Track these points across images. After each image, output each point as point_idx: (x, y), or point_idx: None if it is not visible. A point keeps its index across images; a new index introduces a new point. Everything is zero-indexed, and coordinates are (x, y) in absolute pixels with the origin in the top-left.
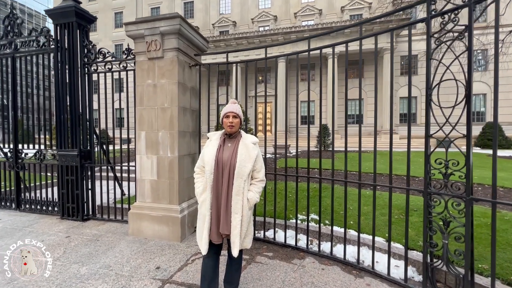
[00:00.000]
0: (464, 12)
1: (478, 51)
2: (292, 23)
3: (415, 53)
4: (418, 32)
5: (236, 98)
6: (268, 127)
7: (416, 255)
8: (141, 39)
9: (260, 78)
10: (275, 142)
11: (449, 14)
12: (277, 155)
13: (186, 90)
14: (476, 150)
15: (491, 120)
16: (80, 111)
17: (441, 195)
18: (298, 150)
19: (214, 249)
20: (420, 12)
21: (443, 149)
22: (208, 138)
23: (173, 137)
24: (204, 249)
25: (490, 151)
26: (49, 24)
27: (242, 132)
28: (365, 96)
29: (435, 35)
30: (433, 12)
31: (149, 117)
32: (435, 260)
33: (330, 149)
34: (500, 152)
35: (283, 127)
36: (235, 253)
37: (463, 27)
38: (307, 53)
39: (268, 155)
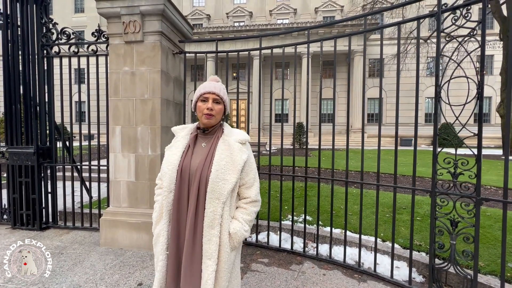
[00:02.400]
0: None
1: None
2: (268, 21)
3: (383, 57)
4: (386, 37)
5: None
6: (242, 125)
7: (414, 254)
8: (117, 19)
9: (233, 74)
10: (258, 140)
11: (461, 9)
12: (254, 153)
13: (169, 80)
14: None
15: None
16: (38, 101)
17: (449, 195)
18: (273, 148)
19: None
20: (387, 18)
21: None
22: (175, 136)
23: (154, 133)
24: None
25: (446, 149)
26: None
27: (226, 126)
28: (337, 96)
29: (445, 31)
30: (443, 7)
31: (126, 109)
32: (440, 261)
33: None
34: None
35: (258, 125)
36: None
37: (475, 23)
38: (285, 50)
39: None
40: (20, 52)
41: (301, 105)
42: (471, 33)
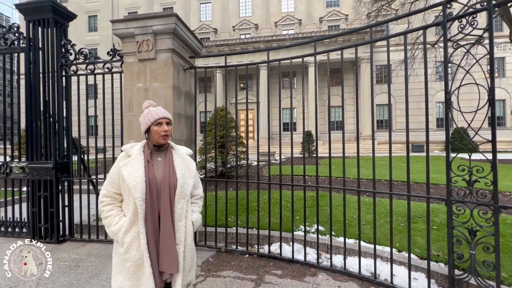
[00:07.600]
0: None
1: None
2: (273, 32)
3: (390, 63)
4: (392, 43)
5: (215, 105)
6: (250, 134)
7: (432, 265)
8: (131, 39)
9: (241, 85)
10: (265, 149)
11: (467, 17)
12: (264, 162)
13: (180, 95)
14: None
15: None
16: (57, 118)
17: (465, 203)
18: (282, 157)
19: None
20: (393, 25)
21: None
22: (123, 154)
23: None
24: None
25: (461, 155)
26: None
27: (171, 142)
28: (345, 103)
29: (452, 39)
30: (449, 16)
31: (140, 124)
32: (460, 272)
33: (314, 155)
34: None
35: (266, 134)
36: None
37: (482, 30)
38: (292, 61)
39: (263, 163)
40: (41, 72)
41: (309, 113)
42: (479, 40)
